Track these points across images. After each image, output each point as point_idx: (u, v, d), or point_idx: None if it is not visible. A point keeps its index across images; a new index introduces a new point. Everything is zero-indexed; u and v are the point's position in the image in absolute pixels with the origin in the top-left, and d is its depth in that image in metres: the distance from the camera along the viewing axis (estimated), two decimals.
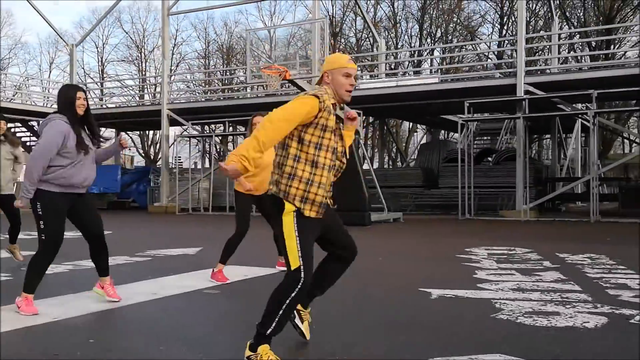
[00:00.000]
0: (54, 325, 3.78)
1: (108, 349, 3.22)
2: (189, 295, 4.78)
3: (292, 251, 2.90)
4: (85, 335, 3.52)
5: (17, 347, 3.25)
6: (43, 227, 4.09)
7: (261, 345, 2.87)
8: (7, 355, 3.09)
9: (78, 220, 4.30)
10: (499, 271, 5.95)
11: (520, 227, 12.17)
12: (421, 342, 3.34)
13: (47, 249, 4.11)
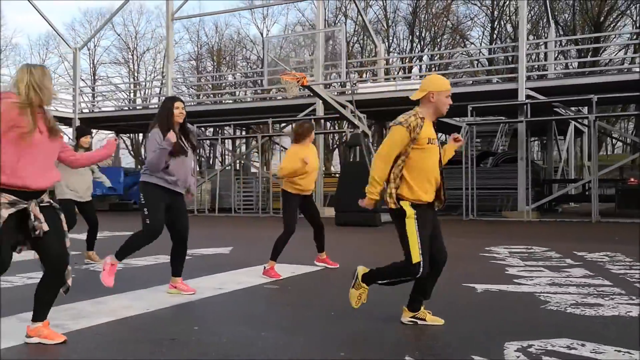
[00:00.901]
0: (149, 315, 4.10)
1: (217, 334, 3.56)
2: (252, 290, 5.12)
3: (414, 248, 3.55)
4: (184, 323, 3.85)
5: (132, 333, 3.57)
6: (147, 214, 4.55)
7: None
8: (126, 339, 3.41)
9: (171, 220, 4.67)
10: (528, 268, 6.36)
11: (527, 227, 12.65)
12: (488, 330, 3.72)
13: (147, 234, 4.60)
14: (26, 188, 3.17)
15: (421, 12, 38.99)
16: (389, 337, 3.57)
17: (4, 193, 3.12)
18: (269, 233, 11.55)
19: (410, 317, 3.83)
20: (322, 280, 5.76)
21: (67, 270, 3.35)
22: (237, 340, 3.44)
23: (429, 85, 3.66)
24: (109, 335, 3.59)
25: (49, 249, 3.29)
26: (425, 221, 3.60)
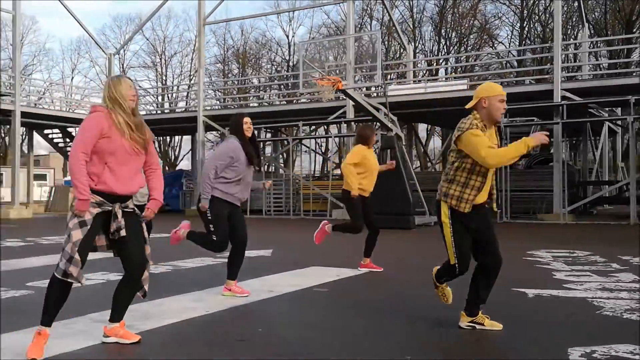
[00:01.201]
0: (211, 317, 4.24)
1: (282, 335, 3.67)
2: (303, 293, 5.22)
3: (450, 251, 3.71)
4: (247, 325, 3.97)
5: (200, 334, 3.70)
6: (213, 230, 4.78)
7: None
8: (196, 340, 3.53)
9: (231, 227, 4.87)
10: (575, 273, 6.34)
11: (564, 230, 12.54)
12: (549, 335, 3.75)
13: (216, 247, 4.87)
14: (113, 193, 3.31)
15: (448, 12, 38.76)
16: (450, 341, 3.63)
17: (94, 195, 3.28)
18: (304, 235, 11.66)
19: (469, 321, 3.88)
20: (370, 284, 5.84)
21: (145, 276, 3.48)
22: (304, 342, 3.54)
23: (481, 92, 3.72)
24: (179, 335, 3.73)
25: (130, 256, 3.43)
26: (463, 227, 3.69)
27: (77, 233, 3.25)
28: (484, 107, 3.68)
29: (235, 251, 4.98)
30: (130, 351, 3.39)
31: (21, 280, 5.92)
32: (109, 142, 3.27)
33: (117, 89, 3.36)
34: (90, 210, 3.26)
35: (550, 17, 36.93)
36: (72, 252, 3.23)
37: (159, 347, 3.46)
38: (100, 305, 4.37)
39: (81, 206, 3.20)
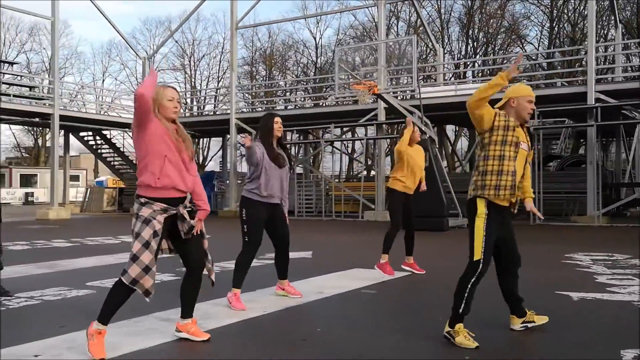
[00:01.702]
0: (268, 317, 4.45)
1: (341, 335, 3.85)
2: (352, 294, 5.40)
3: (478, 246, 3.66)
4: (305, 325, 4.17)
5: (262, 333, 3.91)
6: (246, 231, 4.82)
7: (457, 324, 3.60)
8: (260, 339, 3.74)
9: (273, 228, 4.99)
10: (617, 277, 6.39)
11: (599, 232, 12.48)
12: (599, 338, 3.86)
13: (249, 249, 4.86)
14: (175, 187, 3.46)
15: (476, 12, 38.55)
16: (503, 342, 3.77)
17: (157, 202, 3.48)
18: (339, 237, 11.82)
19: (521, 323, 4.02)
20: (414, 285, 5.99)
21: (208, 268, 3.68)
22: (362, 342, 3.72)
23: (509, 93, 3.85)
24: (242, 335, 3.94)
25: (190, 253, 3.64)
26: (496, 222, 3.70)
27: (154, 242, 3.38)
28: (512, 107, 3.78)
29: (278, 253, 5.12)
30: (202, 349, 3.61)
31: (81, 280, 6.22)
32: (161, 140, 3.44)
33: (160, 97, 3.52)
34: (159, 219, 3.45)
35: (580, 16, 36.55)
36: (149, 263, 3.35)
37: (228, 346, 3.68)
38: (163, 305, 4.62)
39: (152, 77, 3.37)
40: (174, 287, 5.77)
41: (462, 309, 3.60)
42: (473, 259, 3.66)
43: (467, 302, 3.60)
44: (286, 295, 5.16)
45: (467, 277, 3.64)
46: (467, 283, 3.62)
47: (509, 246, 3.90)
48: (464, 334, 3.56)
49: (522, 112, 3.79)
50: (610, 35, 34.43)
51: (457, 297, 3.63)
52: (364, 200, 17.53)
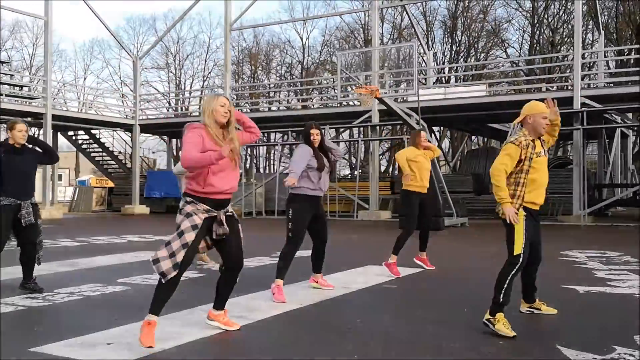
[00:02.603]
0: (309, 308, 4.80)
1: (380, 324, 4.22)
2: (376, 288, 5.78)
3: (519, 242, 4.09)
4: (345, 316, 4.52)
5: (309, 324, 4.25)
6: (291, 226, 5.20)
7: (498, 313, 3.99)
8: (308, 328, 4.08)
9: (314, 226, 5.38)
10: (614, 272, 6.87)
11: (587, 231, 13.06)
12: (613, 325, 4.27)
13: (292, 244, 5.24)
14: (218, 192, 3.76)
15: (459, 16, 39.26)
16: (529, 327, 4.17)
17: (201, 203, 3.80)
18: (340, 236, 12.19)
19: (527, 307, 4.55)
20: (433, 280, 6.37)
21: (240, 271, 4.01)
22: (405, 330, 4.09)
23: (526, 110, 4.26)
24: (290, 324, 4.29)
25: (230, 252, 3.95)
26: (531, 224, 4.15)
27: (190, 235, 3.69)
28: (529, 123, 4.21)
29: (317, 248, 5.54)
30: (252, 340, 3.94)
31: (109, 277, 6.48)
32: (206, 148, 3.70)
33: (208, 105, 3.82)
34: (200, 216, 3.77)
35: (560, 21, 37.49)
36: (176, 250, 3.64)
37: (283, 334, 4.02)
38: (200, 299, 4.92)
39: (223, 151, 3.61)
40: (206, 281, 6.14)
41: (502, 299, 3.98)
42: (513, 253, 4.07)
43: (507, 293, 4.00)
44: (319, 288, 5.53)
45: (508, 270, 4.06)
46: (508, 275, 4.04)
47: (536, 247, 4.36)
48: (504, 322, 3.94)
49: (538, 128, 4.22)
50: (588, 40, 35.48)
51: (497, 288, 4.02)
52: (359, 201, 17.92)
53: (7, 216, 5.31)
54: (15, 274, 6.00)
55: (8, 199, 5.32)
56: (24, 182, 5.48)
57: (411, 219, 6.79)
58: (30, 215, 5.40)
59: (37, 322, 4.44)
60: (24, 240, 5.55)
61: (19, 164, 5.46)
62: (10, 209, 5.32)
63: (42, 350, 3.57)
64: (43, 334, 3.99)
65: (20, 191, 5.42)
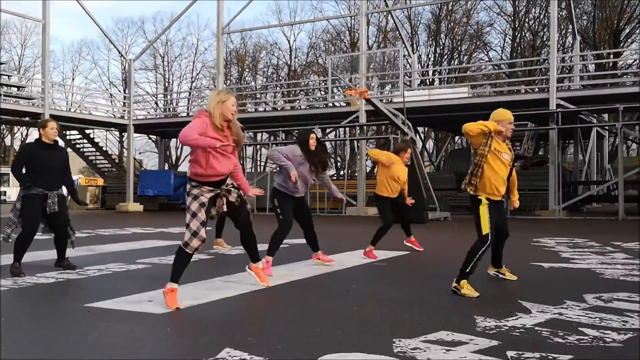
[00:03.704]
0: (312, 279, 5.58)
1: (375, 288, 5.01)
2: (368, 266, 6.58)
3: (485, 224, 4.92)
4: (342, 284, 5.31)
5: (314, 288, 5.03)
6: (280, 212, 6.02)
7: (462, 280, 4.78)
8: (317, 291, 4.86)
9: (299, 216, 6.19)
10: (577, 253, 7.74)
11: (561, 224, 13.99)
12: (569, 288, 5.11)
13: (283, 226, 6.05)
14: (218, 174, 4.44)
15: (443, 20, 40.31)
16: (498, 289, 4.99)
17: (205, 186, 4.54)
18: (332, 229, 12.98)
19: (495, 271, 5.47)
20: (413, 261, 7.19)
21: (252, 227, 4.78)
22: (395, 292, 4.89)
23: (495, 116, 5.07)
24: (297, 290, 5.06)
25: (241, 217, 4.74)
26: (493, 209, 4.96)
27: (201, 214, 4.38)
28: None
29: (306, 232, 6.35)
30: (267, 298, 4.72)
31: (128, 259, 7.20)
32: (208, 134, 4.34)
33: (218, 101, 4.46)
34: (206, 195, 4.49)
35: (540, 25, 38.72)
36: (198, 229, 4.33)
37: (290, 296, 4.79)
38: (216, 274, 5.70)
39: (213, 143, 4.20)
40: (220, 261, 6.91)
41: (469, 270, 4.77)
42: (482, 233, 4.87)
43: (474, 266, 4.78)
44: (322, 264, 6.32)
45: (478, 247, 4.85)
46: (478, 251, 4.82)
47: (502, 226, 5.20)
48: (467, 287, 4.73)
49: (505, 132, 5.02)
50: (568, 43, 36.70)
51: (467, 261, 4.79)
52: (348, 198, 18.71)
53: (35, 203, 5.95)
54: (41, 256, 6.71)
55: (36, 189, 5.96)
56: (52, 175, 6.09)
57: (388, 214, 7.45)
58: (55, 205, 6.05)
59: (79, 288, 5.18)
60: (54, 225, 6.23)
61: (50, 159, 6.09)
62: (38, 197, 5.97)
63: (96, 306, 4.31)
64: (88, 296, 4.72)
65: (48, 183, 6.03)
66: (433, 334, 3.47)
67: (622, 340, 3.35)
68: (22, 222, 5.94)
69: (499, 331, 3.54)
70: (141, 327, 3.73)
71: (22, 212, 5.96)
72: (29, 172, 5.99)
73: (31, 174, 5.98)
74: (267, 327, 3.80)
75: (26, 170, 6.00)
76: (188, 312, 4.14)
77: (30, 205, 5.94)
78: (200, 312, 4.18)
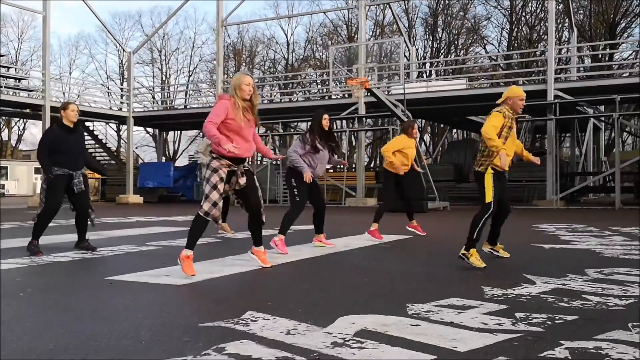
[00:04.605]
0: (319, 258, 5.74)
1: (380, 264, 5.18)
2: (372, 247, 6.74)
3: (489, 193, 5.08)
4: (348, 262, 5.48)
5: (326, 266, 5.20)
6: (297, 193, 6.16)
7: (471, 248, 4.95)
8: (329, 267, 5.03)
9: (313, 195, 6.33)
10: (577, 236, 7.94)
11: (559, 213, 14.20)
12: (571, 264, 5.29)
13: (297, 207, 6.25)
14: (239, 157, 4.67)
15: (440, 13, 40.45)
16: (503, 264, 5.17)
17: (224, 160, 4.71)
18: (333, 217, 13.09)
19: (489, 248, 5.61)
20: (421, 241, 7.36)
21: (261, 212, 4.90)
22: (400, 266, 5.06)
23: (508, 93, 5.25)
24: (309, 266, 5.23)
25: (250, 199, 4.87)
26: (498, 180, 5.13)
27: (221, 186, 4.60)
28: (508, 104, 5.18)
29: (316, 213, 6.51)
30: (282, 274, 4.88)
31: (138, 242, 7.35)
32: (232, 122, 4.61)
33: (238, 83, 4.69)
34: (224, 170, 4.67)
35: (537, 19, 38.90)
36: (218, 200, 4.56)
37: (300, 270, 4.96)
38: (227, 254, 5.86)
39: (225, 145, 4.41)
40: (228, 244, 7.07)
41: (475, 237, 4.97)
42: (485, 201, 5.04)
43: (479, 233, 4.98)
44: (323, 246, 6.48)
45: (482, 215, 5.03)
46: (481, 218, 5.02)
47: (504, 201, 5.35)
48: (476, 256, 4.93)
49: (515, 107, 5.21)
50: (564, 37, 36.91)
51: (472, 229, 4.99)
52: (347, 189, 18.90)
53: (61, 184, 6.14)
54: (57, 240, 6.86)
55: (62, 170, 6.13)
56: (75, 156, 6.25)
57: (390, 193, 7.69)
58: (81, 184, 6.24)
59: (98, 265, 5.34)
60: (77, 205, 6.36)
61: (72, 141, 6.24)
62: (63, 178, 6.14)
63: (118, 279, 4.47)
64: (108, 271, 4.87)
65: (72, 164, 6.19)
66: (444, 300, 3.64)
67: (624, 305, 3.52)
68: (45, 201, 6.09)
69: (507, 298, 3.72)
70: (164, 295, 3.89)
71: (46, 192, 6.10)
72: (54, 155, 6.10)
73: (56, 157, 6.10)
74: (284, 295, 3.96)
75: (50, 153, 6.11)
76: (207, 284, 4.31)
77: (55, 185, 6.08)
78: (218, 284, 4.35)
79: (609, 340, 2.72)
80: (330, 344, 2.65)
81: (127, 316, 3.25)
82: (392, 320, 3.11)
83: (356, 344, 2.65)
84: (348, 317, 3.17)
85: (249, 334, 2.84)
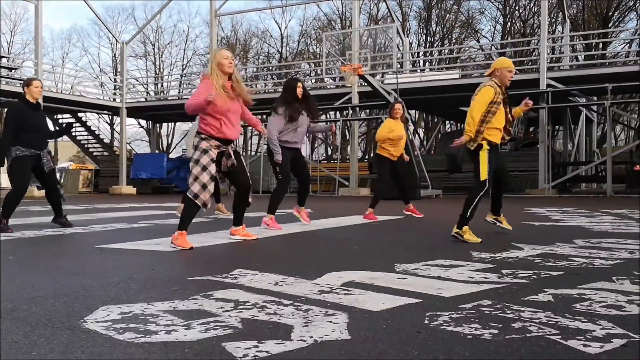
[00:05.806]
0: (308, 232, 5.77)
1: (371, 236, 5.21)
2: (364, 224, 6.78)
3: (484, 170, 5.02)
4: (342, 234, 5.51)
5: (314, 238, 5.22)
6: (279, 171, 6.12)
7: (464, 226, 4.92)
8: (318, 238, 5.05)
9: (294, 169, 6.27)
10: (568, 216, 8.00)
11: (550, 200, 14.28)
12: (561, 237, 5.34)
13: (282, 183, 6.18)
14: (227, 138, 4.63)
15: (434, 7, 40.46)
16: (493, 235, 5.21)
17: (213, 140, 4.67)
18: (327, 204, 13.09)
19: (493, 218, 5.64)
20: (404, 221, 7.40)
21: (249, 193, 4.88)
22: (391, 238, 5.09)
23: (495, 64, 5.20)
24: (301, 240, 5.25)
25: (237, 179, 4.81)
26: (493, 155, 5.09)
27: (212, 167, 4.50)
28: (497, 75, 5.10)
29: (300, 186, 6.44)
30: (269, 244, 4.90)
31: (130, 221, 7.35)
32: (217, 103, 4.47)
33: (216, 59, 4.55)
34: (214, 151, 4.62)
35: (530, 13, 39.03)
36: (208, 182, 4.44)
37: (288, 242, 4.98)
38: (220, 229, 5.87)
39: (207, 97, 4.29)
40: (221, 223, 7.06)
41: (468, 214, 4.93)
42: (480, 179, 4.98)
43: (473, 211, 4.93)
44: (299, 219, 6.46)
45: (476, 192, 4.97)
46: (476, 196, 4.94)
47: (502, 171, 5.36)
48: (470, 233, 4.93)
49: (504, 79, 5.13)
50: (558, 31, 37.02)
51: (466, 206, 4.92)
52: (340, 179, 18.92)
53: (27, 165, 5.95)
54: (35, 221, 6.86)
55: (29, 150, 5.92)
56: (41, 134, 6.08)
57: (384, 177, 7.72)
58: (50, 162, 6.15)
59: (88, 237, 5.34)
60: (48, 184, 6.26)
61: (37, 119, 6.03)
62: (30, 158, 5.95)
63: (111, 247, 4.48)
64: (98, 241, 4.87)
65: (38, 143, 6.01)
66: (432, 260, 3.68)
67: (610, 265, 3.57)
68: (13, 181, 5.95)
69: (494, 259, 3.76)
70: (154, 258, 3.91)
71: (13, 172, 5.91)
72: (21, 133, 5.85)
73: (23, 136, 5.86)
74: (274, 257, 3.99)
75: (16, 132, 5.83)
76: (197, 250, 4.32)
77: (22, 165, 5.90)
78: (208, 250, 4.37)
79: (593, 289, 2.76)
80: (317, 292, 2.68)
81: (117, 273, 3.27)
82: (379, 275, 3.14)
83: (343, 292, 2.68)
84: (336, 272, 3.20)
85: (237, 284, 2.87)
